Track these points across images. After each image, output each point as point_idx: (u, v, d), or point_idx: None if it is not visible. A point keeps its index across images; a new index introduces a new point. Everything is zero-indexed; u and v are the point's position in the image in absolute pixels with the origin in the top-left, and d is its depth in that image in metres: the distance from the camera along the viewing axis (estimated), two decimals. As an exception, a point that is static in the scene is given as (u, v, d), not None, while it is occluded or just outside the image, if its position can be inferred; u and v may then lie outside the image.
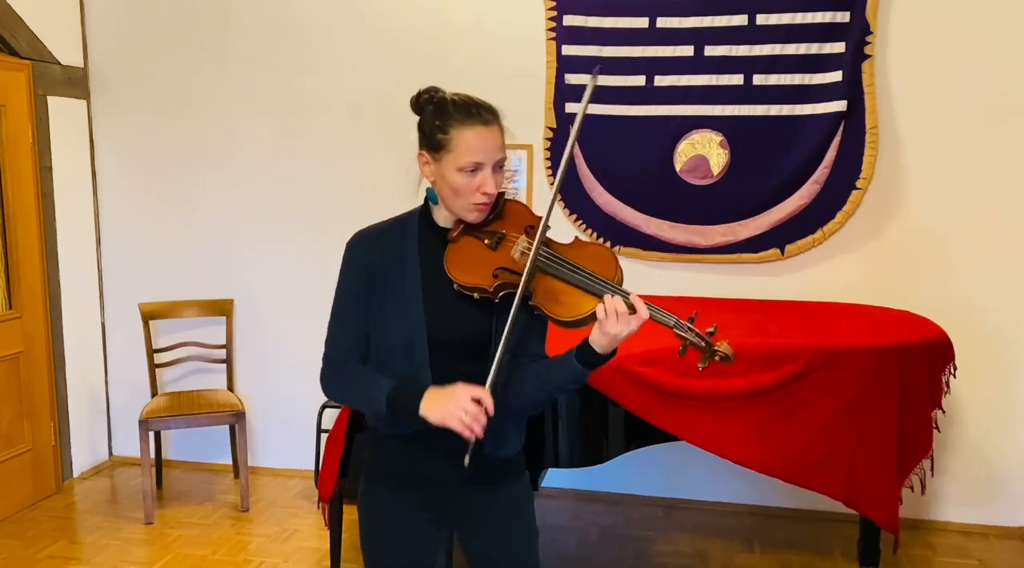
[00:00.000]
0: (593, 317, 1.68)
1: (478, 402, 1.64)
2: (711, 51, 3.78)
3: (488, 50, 4.02)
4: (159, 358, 4.27)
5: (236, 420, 3.97)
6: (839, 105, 3.68)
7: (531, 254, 1.70)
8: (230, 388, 4.31)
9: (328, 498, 3.01)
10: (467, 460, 1.67)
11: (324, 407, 3.91)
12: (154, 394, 4.21)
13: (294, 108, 4.25)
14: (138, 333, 4.29)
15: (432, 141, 1.75)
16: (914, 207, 3.75)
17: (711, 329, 1.72)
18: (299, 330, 4.38)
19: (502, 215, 1.81)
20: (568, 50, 3.91)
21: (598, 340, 1.68)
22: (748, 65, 3.76)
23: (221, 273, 4.42)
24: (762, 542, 3.74)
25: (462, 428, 1.63)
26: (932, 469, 3.13)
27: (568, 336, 1.75)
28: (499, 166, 1.76)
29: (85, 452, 4.49)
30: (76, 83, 4.36)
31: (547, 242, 1.76)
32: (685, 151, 3.86)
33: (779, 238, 3.84)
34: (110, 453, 4.68)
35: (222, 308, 4.32)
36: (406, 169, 4.47)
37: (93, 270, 4.53)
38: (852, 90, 3.68)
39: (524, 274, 1.70)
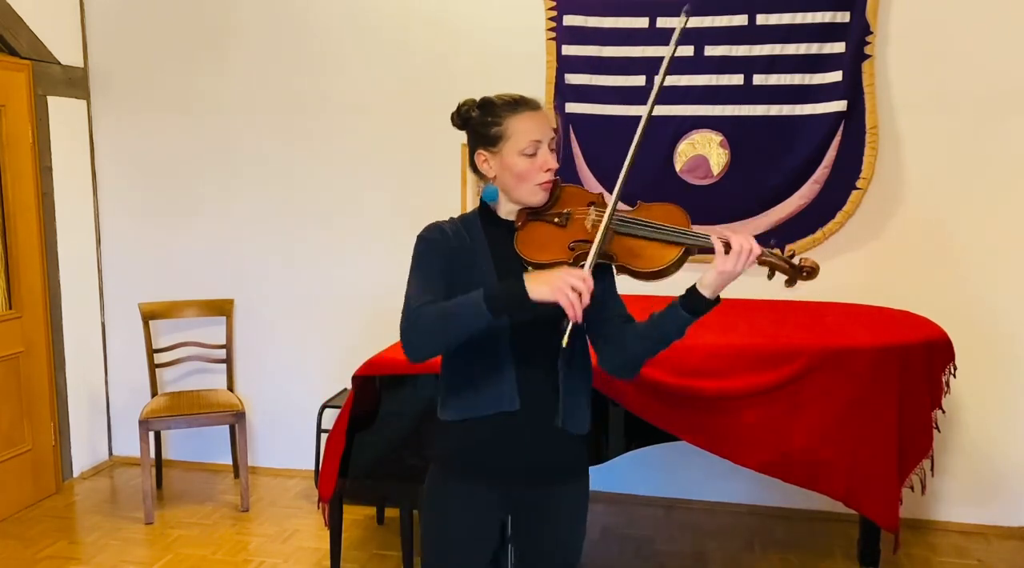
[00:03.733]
0: (677, 265, 1.82)
1: (583, 282, 1.67)
2: (711, 51, 3.78)
3: (488, 50, 4.02)
4: (159, 358, 4.27)
5: (236, 420, 3.97)
6: (839, 105, 3.68)
7: (605, 218, 1.79)
8: (230, 388, 4.31)
9: (328, 498, 3.01)
10: (566, 339, 1.71)
11: (324, 407, 3.91)
12: (154, 394, 4.21)
13: (294, 108, 4.25)
14: (138, 333, 4.29)
15: (488, 137, 1.86)
16: (914, 207, 3.75)
17: (791, 253, 1.87)
18: (299, 330, 4.38)
19: (560, 198, 1.91)
20: (568, 50, 3.91)
21: (712, 282, 1.78)
22: (748, 65, 3.76)
23: (221, 273, 4.42)
24: (762, 542, 3.74)
25: (568, 303, 1.64)
26: (932, 469, 3.12)
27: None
28: (553, 146, 1.87)
29: (85, 452, 4.49)
30: (76, 83, 4.36)
31: (617, 209, 1.85)
32: (685, 151, 3.86)
33: (779, 238, 3.83)
34: (110, 453, 4.68)
35: (222, 308, 4.32)
36: (406, 168, 4.47)
37: (93, 270, 4.53)
38: (852, 90, 3.68)
39: (599, 235, 1.78)
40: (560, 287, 1.65)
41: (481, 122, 1.86)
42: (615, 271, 1.87)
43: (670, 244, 1.83)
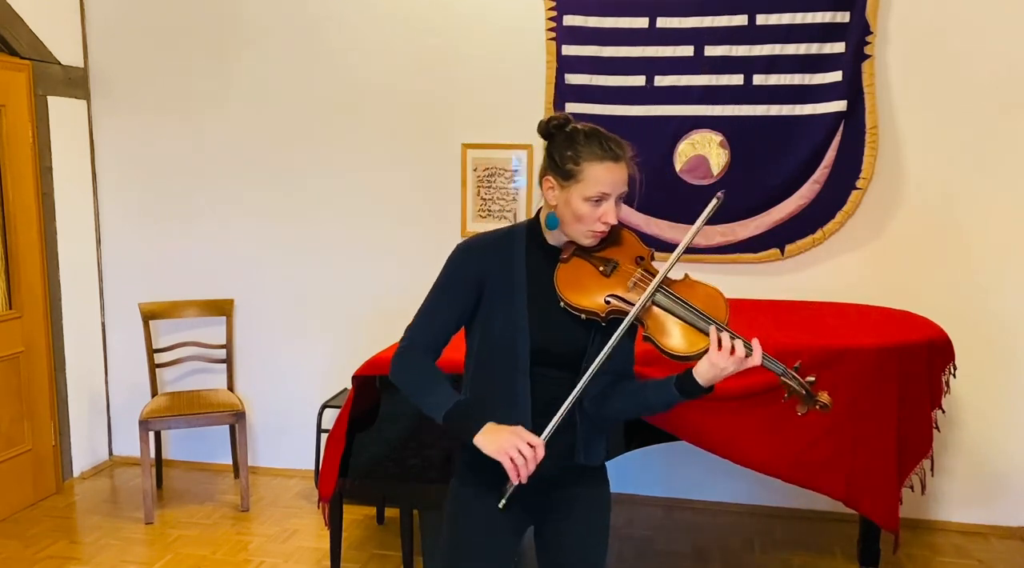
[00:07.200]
0: (703, 355, 1.78)
1: (532, 449, 1.72)
2: (711, 51, 3.78)
3: (488, 50, 4.02)
4: (159, 358, 4.27)
5: (236, 420, 3.97)
6: (839, 105, 3.68)
7: (648, 291, 1.80)
8: (230, 388, 4.31)
9: (328, 498, 3.01)
10: (503, 503, 1.77)
11: (324, 407, 3.91)
12: (154, 394, 4.21)
13: (294, 108, 4.25)
14: (138, 333, 4.29)
15: (562, 170, 1.83)
16: (914, 207, 3.75)
17: (811, 379, 1.84)
18: (299, 330, 4.38)
19: (613, 242, 1.90)
20: (568, 50, 3.91)
21: (704, 372, 1.78)
22: (748, 65, 3.76)
23: (221, 273, 4.42)
24: (762, 542, 3.74)
25: (511, 467, 1.71)
26: (932, 469, 3.13)
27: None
28: (620, 198, 1.85)
29: (85, 452, 4.49)
30: (76, 83, 4.36)
31: (662, 280, 1.83)
32: (685, 151, 3.86)
33: (779, 238, 3.84)
34: (110, 453, 4.68)
35: (222, 308, 4.32)
36: (406, 168, 4.46)
37: (93, 270, 4.53)
38: (852, 90, 3.68)
39: (637, 306, 1.79)
40: (506, 449, 1.71)
41: (560, 151, 1.83)
42: (642, 338, 1.85)
43: (702, 333, 1.80)
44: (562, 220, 1.86)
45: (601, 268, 1.86)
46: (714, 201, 1.87)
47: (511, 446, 1.71)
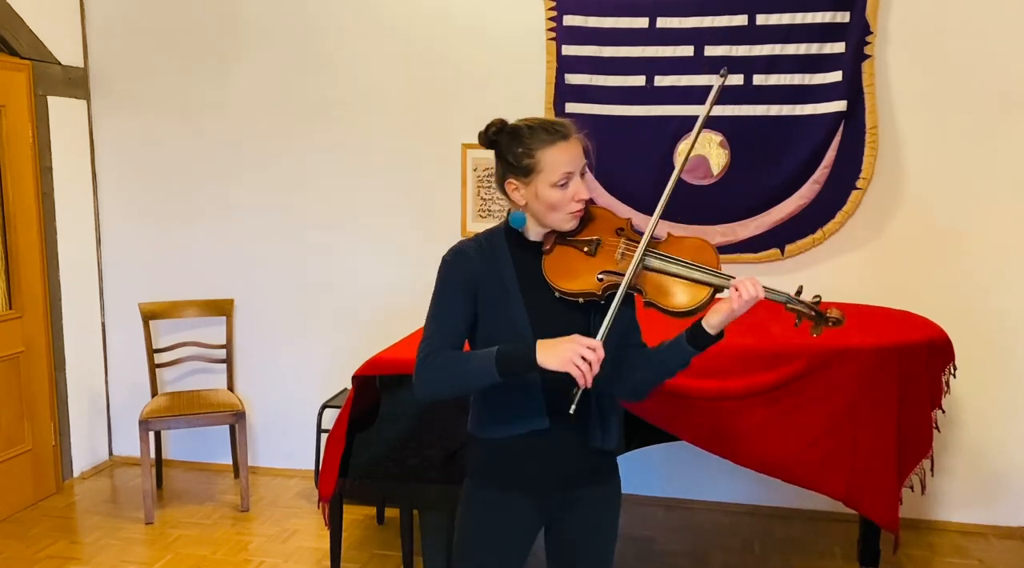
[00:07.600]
0: (706, 305, 1.82)
1: (593, 351, 1.72)
2: (711, 51, 3.78)
3: (488, 50, 4.02)
4: (159, 358, 4.27)
5: (236, 420, 3.97)
6: (839, 105, 3.68)
7: (636, 255, 1.82)
8: (230, 388, 4.31)
9: (328, 498, 3.01)
10: (573, 408, 1.75)
11: (324, 407, 3.91)
12: (154, 394, 4.21)
13: (294, 108, 4.26)
14: (138, 333, 4.29)
15: (520, 167, 1.85)
16: (914, 207, 3.75)
17: (817, 298, 1.86)
18: (299, 330, 4.38)
19: (589, 221, 1.92)
20: (568, 50, 3.91)
21: (713, 320, 1.82)
22: (748, 65, 3.76)
23: (221, 273, 4.42)
24: (762, 542, 3.74)
25: (579, 373, 1.70)
26: (932, 469, 3.13)
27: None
28: (583, 172, 1.88)
29: (85, 452, 4.49)
30: (76, 83, 4.36)
31: (648, 242, 1.85)
32: (685, 151, 3.85)
33: (779, 238, 3.84)
34: (110, 453, 4.68)
35: (222, 308, 4.32)
36: (406, 168, 4.46)
37: (93, 270, 4.53)
38: (852, 90, 3.68)
39: (628, 272, 1.81)
40: (570, 358, 1.70)
41: (511, 151, 1.85)
42: (644, 305, 1.86)
43: (700, 284, 1.83)
44: (536, 214, 1.88)
45: (585, 249, 1.87)
46: (720, 80, 1.90)
47: (574, 354, 1.70)
